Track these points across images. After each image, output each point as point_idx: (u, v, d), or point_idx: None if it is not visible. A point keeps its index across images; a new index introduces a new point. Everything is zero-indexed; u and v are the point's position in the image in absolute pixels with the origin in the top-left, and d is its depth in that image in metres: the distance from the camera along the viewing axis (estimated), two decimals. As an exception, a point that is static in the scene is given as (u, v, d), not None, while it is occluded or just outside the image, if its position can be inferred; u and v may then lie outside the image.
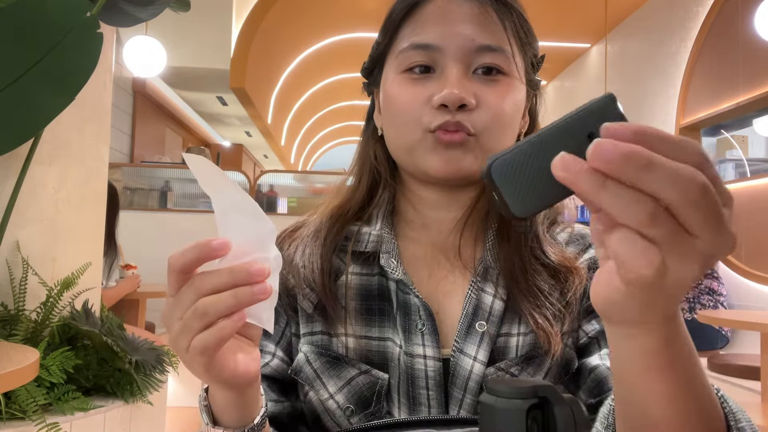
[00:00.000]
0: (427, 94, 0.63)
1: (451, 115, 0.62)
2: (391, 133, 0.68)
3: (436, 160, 0.63)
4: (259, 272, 0.43)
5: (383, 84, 0.69)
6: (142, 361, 1.97)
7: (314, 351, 0.66)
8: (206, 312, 0.43)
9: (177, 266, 0.44)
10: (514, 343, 0.64)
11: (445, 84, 0.62)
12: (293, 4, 5.44)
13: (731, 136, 4.34)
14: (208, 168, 0.45)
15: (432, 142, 0.63)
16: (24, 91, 1.67)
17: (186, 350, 0.44)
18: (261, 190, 4.89)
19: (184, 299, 0.44)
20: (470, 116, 0.62)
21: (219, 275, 0.43)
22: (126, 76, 5.55)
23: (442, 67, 0.63)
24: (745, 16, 3.70)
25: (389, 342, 0.65)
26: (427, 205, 0.70)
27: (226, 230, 0.45)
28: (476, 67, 0.64)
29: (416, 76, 0.64)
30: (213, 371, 0.45)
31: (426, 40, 0.63)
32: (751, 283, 3.61)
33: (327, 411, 0.64)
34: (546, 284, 0.66)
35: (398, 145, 0.67)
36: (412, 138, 0.64)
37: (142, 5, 2.03)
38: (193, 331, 0.44)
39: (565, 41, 5.98)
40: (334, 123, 11.72)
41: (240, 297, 0.43)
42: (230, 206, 0.45)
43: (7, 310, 1.86)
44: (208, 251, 0.44)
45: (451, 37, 0.63)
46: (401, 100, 0.65)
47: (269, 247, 0.45)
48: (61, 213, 1.99)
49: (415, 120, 0.63)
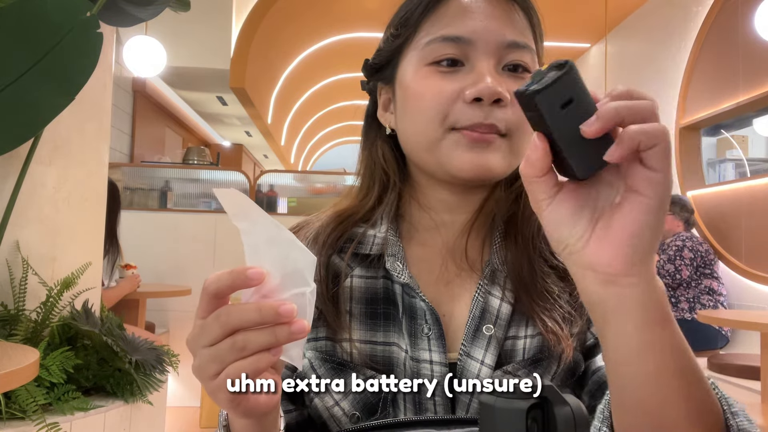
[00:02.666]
0: (457, 88, 0.61)
1: (483, 114, 0.60)
2: (410, 130, 0.65)
3: (463, 159, 0.61)
4: (287, 313, 0.42)
5: (401, 79, 0.66)
6: (142, 361, 1.97)
7: (318, 357, 0.65)
8: (245, 347, 0.43)
9: (210, 291, 0.44)
10: (521, 346, 0.64)
11: (478, 77, 0.60)
12: (293, 3, 5.44)
13: (731, 136, 4.34)
14: (240, 200, 0.44)
15: (455, 140, 0.61)
16: (24, 91, 1.67)
17: (212, 378, 0.44)
18: (261, 190, 4.88)
19: (211, 330, 0.43)
20: (504, 113, 0.60)
21: (247, 312, 0.43)
22: (126, 76, 5.55)
23: (473, 62, 0.61)
24: (745, 16, 3.70)
25: (395, 347, 0.64)
26: (437, 207, 0.68)
27: (260, 263, 0.44)
28: (505, 63, 0.62)
29: (444, 69, 0.62)
30: (236, 401, 0.45)
31: (457, 33, 0.61)
32: (751, 283, 3.61)
33: (332, 417, 0.63)
34: (555, 286, 0.65)
35: (418, 142, 0.64)
36: (434, 136, 0.62)
37: (142, 5, 2.03)
38: (226, 362, 0.43)
39: (565, 41, 5.98)
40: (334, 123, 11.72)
41: (278, 336, 0.43)
42: (264, 239, 0.44)
43: (7, 310, 1.86)
44: (243, 280, 0.43)
45: (482, 31, 0.61)
46: (427, 94, 0.62)
47: (307, 280, 0.44)
48: (61, 213, 1.99)
49: (441, 116, 0.61)
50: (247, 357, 0.43)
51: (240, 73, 5.41)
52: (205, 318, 0.44)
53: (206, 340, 0.44)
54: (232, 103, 6.80)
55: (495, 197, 0.68)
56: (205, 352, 0.44)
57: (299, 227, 0.73)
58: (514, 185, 0.69)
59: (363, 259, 0.67)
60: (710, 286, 3.48)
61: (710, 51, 4.10)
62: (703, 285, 3.49)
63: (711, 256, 3.53)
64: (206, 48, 5.47)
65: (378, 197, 0.70)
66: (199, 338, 0.44)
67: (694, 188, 4.16)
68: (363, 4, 5.59)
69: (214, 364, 0.43)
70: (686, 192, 4.16)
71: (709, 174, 4.32)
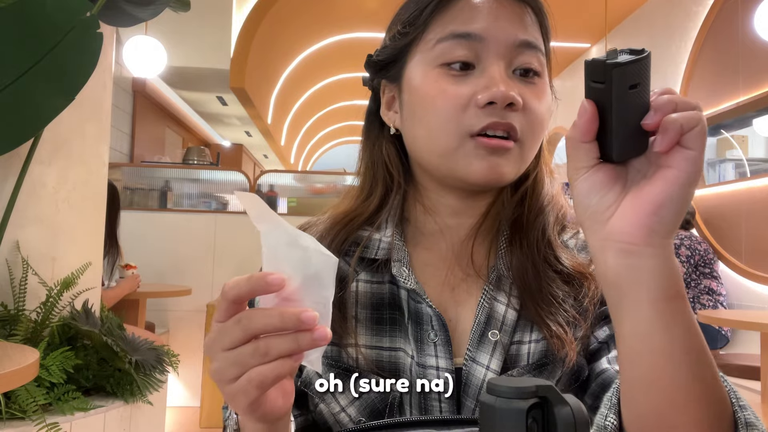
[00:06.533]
0: (469, 92, 0.60)
1: (498, 115, 0.59)
2: (422, 135, 0.64)
3: (479, 165, 0.60)
4: (309, 320, 0.42)
5: (409, 79, 0.65)
6: (142, 361, 1.97)
7: (324, 363, 0.64)
8: (267, 353, 0.42)
9: (230, 297, 0.43)
10: (525, 351, 0.63)
11: (491, 81, 0.60)
12: (293, 3, 5.44)
13: (731, 136, 4.34)
14: (260, 205, 0.44)
15: (473, 148, 0.60)
16: (24, 91, 1.67)
17: (231, 381, 0.43)
18: (261, 190, 4.88)
19: (232, 333, 0.43)
20: (518, 117, 0.60)
21: (270, 317, 0.42)
22: (126, 76, 5.54)
23: (484, 64, 0.61)
24: (745, 16, 3.70)
25: (401, 352, 0.63)
26: (442, 211, 0.68)
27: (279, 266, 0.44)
28: (516, 67, 0.62)
29: (456, 73, 0.61)
30: (254, 405, 0.44)
31: (468, 29, 0.61)
32: (751, 283, 3.61)
33: (338, 423, 0.63)
34: (560, 291, 0.64)
35: (431, 148, 0.63)
36: (449, 143, 0.61)
37: (142, 5, 2.03)
38: (248, 366, 0.43)
39: (565, 41, 5.98)
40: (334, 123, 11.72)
41: (300, 343, 0.42)
42: (285, 242, 0.44)
43: (7, 310, 1.86)
44: (264, 286, 0.43)
45: (493, 29, 0.61)
46: (439, 99, 0.61)
47: (328, 284, 0.45)
48: (61, 213, 1.99)
49: (455, 123, 0.60)
50: (268, 362, 0.42)
51: (240, 73, 5.41)
52: (224, 322, 0.44)
53: (226, 344, 0.43)
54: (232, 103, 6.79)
55: (500, 201, 0.68)
56: (226, 356, 0.43)
57: (302, 229, 0.73)
58: (519, 188, 0.69)
59: (369, 263, 0.67)
60: (710, 286, 3.48)
61: (710, 51, 4.10)
62: (702, 285, 3.49)
63: (710, 256, 3.53)
64: (206, 48, 5.46)
65: (381, 198, 0.70)
66: (218, 341, 0.44)
67: (694, 188, 4.15)
68: (363, 4, 5.59)
69: (235, 367, 0.43)
70: (686, 192, 4.16)
71: (709, 174, 4.32)
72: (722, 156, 4.29)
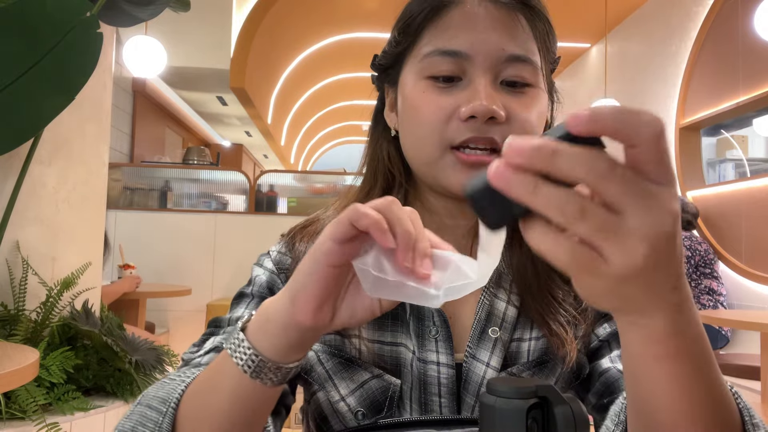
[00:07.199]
0: (453, 105, 0.60)
1: (478, 130, 0.59)
2: (410, 143, 0.65)
3: (456, 179, 0.61)
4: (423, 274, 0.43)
5: (402, 86, 0.66)
6: (142, 361, 1.97)
7: (326, 351, 0.65)
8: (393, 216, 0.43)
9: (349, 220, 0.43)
10: (525, 348, 0.64)
11: (473, 95, 0.59)
12: (293, 3, 5.44)
13: (731, 136, 4.34)
14: None
15: (452, 161, 0.61)
16: (24, 91, 1.67)
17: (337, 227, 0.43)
18: (261, 190, 4.87)
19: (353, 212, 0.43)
20: (500, 130, 0.60)
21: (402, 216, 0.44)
22: (126, 76, 5.54)
23: (470, 77, 0.61)
24: (745, 16, 3.70)
25: (402, 347, 0.64)
26: (440, 212, 0.68)
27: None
28: (503, 78, 0.61)
29: (441, 85, 0.62)
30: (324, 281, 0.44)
31: (454, 47, 0.61)
32: (751, 283, 3.61)
33: (337, 413, 0.63)
34: (560, 290, 0.65)
35: (417, 156, 0.65)
36: (432, 154, 0.62)
37: (142, 5, 2.03)
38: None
39: (565, 41, 5.98)
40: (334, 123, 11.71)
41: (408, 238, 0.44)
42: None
43: (7, 310, 1.86)
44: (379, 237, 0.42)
45: (480, 44, 0.60)
46: (424, 110, 0.62)
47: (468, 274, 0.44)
48: (61, 213, 1.99)
49: (438, 134, 0.61)
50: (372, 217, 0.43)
51: (240, 73, 5.41)
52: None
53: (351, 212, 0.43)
54: (232, 103, 6.79)
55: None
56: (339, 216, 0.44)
57: (308, 223, 0.72)
58: None
59: None
60: (710, 286, 3.47)
61: (710, 51, 4.10)
62: (703, 285, 3.49)
63: (711, 256, 3.53)
64: (206, 48, 5.47)
65: (382, 194, 0.69)
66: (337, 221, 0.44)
67: (694, 188, 4.16)
68: (363, 4, 5.59)
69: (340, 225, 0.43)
70: (686, 192, 4.17)
71: (709, 174, 4.32)
72: (722, 156, 4.29)
